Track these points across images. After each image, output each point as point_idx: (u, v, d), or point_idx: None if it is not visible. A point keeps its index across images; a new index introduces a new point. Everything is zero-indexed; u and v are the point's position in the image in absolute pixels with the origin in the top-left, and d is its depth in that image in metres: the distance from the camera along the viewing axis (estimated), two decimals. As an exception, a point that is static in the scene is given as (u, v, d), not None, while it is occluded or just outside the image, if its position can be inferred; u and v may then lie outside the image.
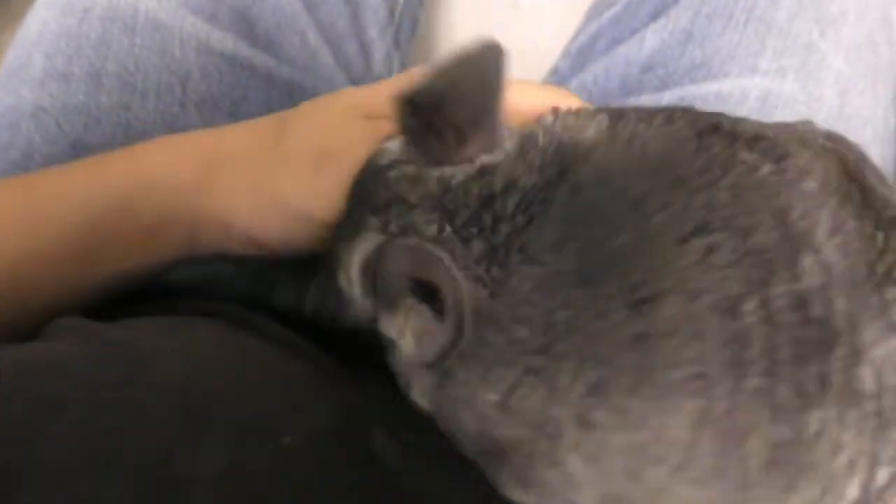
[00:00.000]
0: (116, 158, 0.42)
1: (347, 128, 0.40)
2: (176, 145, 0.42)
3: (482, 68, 0.35)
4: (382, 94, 0.39)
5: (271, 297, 0.51)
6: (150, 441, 0.28)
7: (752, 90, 0.51)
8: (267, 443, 0.30)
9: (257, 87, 0.52)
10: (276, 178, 0.40)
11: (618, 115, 0.36)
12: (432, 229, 0.34)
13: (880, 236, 0.33)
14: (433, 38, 0.80)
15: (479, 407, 0.33)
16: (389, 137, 0.38)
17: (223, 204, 0.40)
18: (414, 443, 0.34)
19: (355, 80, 0.58)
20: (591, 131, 0.35)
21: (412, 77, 0.35)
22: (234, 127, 0.43)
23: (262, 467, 0.29)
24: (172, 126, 0.50)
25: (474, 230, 0.34)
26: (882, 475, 0.30)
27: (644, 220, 0.32)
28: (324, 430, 0.32)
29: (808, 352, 0.29)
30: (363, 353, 0.39)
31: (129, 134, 0.49)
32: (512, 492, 0.34)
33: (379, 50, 0.59)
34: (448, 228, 0.34)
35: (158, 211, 0.40)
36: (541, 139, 0.36)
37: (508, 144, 0.36)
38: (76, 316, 0.36)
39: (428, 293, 0.34)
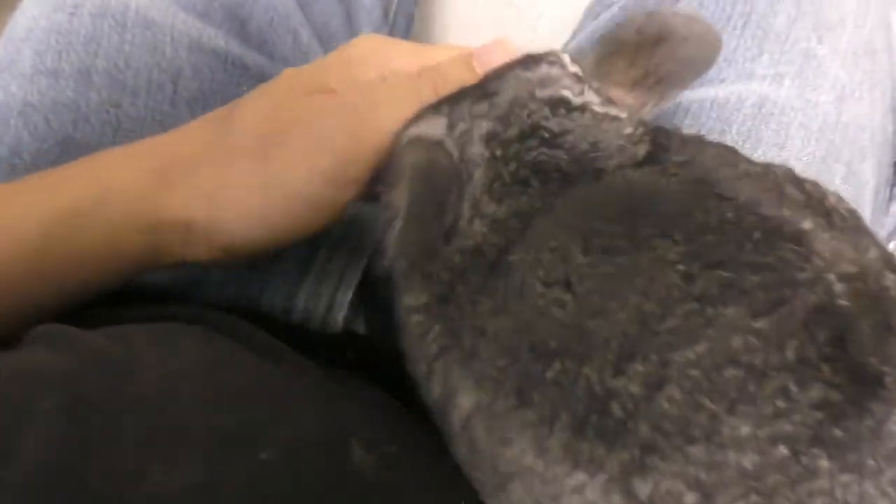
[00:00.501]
0: (72, 171, 0.41)
1: (291, 106, 0.40)
2: (132, 153, 0.41)
3: (714, 41, 0.40)
4: (323, 69, 0.41)
5: (261, 299, 0.51)
6: (124, 457, 0.27)
7: (749, 96, 0.51)
8: (245, 457, 0.29)
9: (249, 85, 0.51)
10: (226, 179, 0.39)
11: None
12: (477, 140, 0.38)
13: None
14: (427, 38, 0.80)
15: (401, 312, 0.38)
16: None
17: (180, 207, 0.39)
18: (394, 455, 0.34)
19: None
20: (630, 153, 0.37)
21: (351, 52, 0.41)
22: (188, 126, 0.42)
23: (239, 482, 0.29)
24: (163, 124, 0.49)
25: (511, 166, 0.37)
26: None
27: (544, 244, 0.35)
28: (303, 443, 0.31)
29: (591, 433, 0.31)
30: (352, 361, 0.39)
31: (119, 132, 0.49)
32: None
33: (373, 50, 0.59)
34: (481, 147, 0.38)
35: (115, 220, 0.39)
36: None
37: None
38: (56, 322, 0.36)
39: None
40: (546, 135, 0.37)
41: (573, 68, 0.39)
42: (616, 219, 0.34)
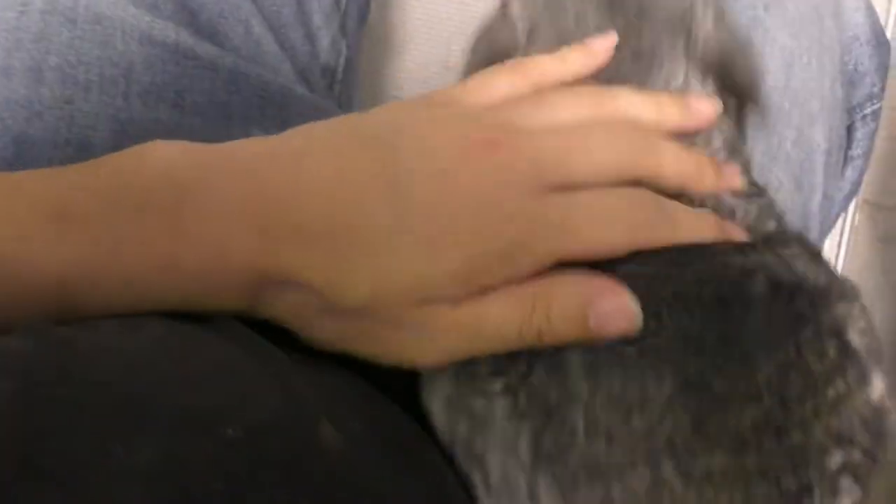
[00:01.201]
0: (143, 274, 0.37)
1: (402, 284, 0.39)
2: (221, 270, 0.37)
3: None
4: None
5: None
6: (83, 439, 0.28)
7: None
8: (208, 435, 0.29)
9: (201, 76, 0.51)
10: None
11: None
12: None
13: None
14: (385, 19, 0.80)
15: None
16: None
17: (274, 316, 0.39)
18: (361, 433, 0.34)
19: (301, 69, 0.57)
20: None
21: None
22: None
23: (201, 460, 0.29)
24: (116, 118, 0.49)
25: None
26: None
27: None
28: (269, 421, 0.31)
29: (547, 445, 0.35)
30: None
31: (73, 128, 0.49)
32: None
33: (324, 37, 0.59)
34: None
35: (212, 308, 0.38)
36: None
37: None
38: None
39: None
40: None
41: None
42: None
